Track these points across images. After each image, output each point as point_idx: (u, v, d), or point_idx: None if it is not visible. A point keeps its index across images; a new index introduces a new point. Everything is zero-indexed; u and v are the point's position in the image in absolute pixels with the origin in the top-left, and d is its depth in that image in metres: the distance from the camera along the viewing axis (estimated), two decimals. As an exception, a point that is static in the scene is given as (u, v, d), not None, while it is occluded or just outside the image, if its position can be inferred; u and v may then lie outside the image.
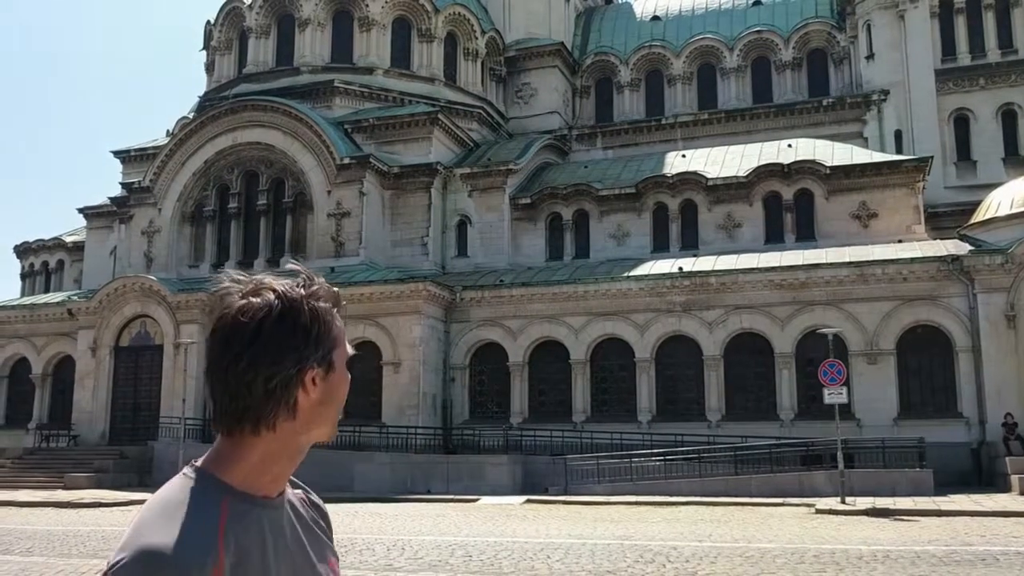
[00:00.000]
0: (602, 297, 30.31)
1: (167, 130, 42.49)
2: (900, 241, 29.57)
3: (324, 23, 40.00)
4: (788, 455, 25.01)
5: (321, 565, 1.62)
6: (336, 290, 1.63)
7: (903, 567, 11.14)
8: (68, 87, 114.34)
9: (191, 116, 39.80)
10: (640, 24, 45.52)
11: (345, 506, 20.95)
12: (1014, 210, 28.18)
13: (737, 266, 29.36)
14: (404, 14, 40.44)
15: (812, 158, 32.55)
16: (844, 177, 31.77)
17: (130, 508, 22.35)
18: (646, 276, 30.15)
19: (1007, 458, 23.58)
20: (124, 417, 32.60)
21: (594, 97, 44.80)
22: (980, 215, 29.86)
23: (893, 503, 19.88)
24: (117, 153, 42.55)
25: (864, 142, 37.01)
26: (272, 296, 1.53)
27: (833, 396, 22.08)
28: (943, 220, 33.59)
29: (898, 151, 35.80)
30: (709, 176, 33.26)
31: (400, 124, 36.79)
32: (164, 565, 1.35)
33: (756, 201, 32.64)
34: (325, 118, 36.04)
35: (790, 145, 34.25)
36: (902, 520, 17.44)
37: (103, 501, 23.31)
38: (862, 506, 19.36)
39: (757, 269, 28.94)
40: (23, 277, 46.22)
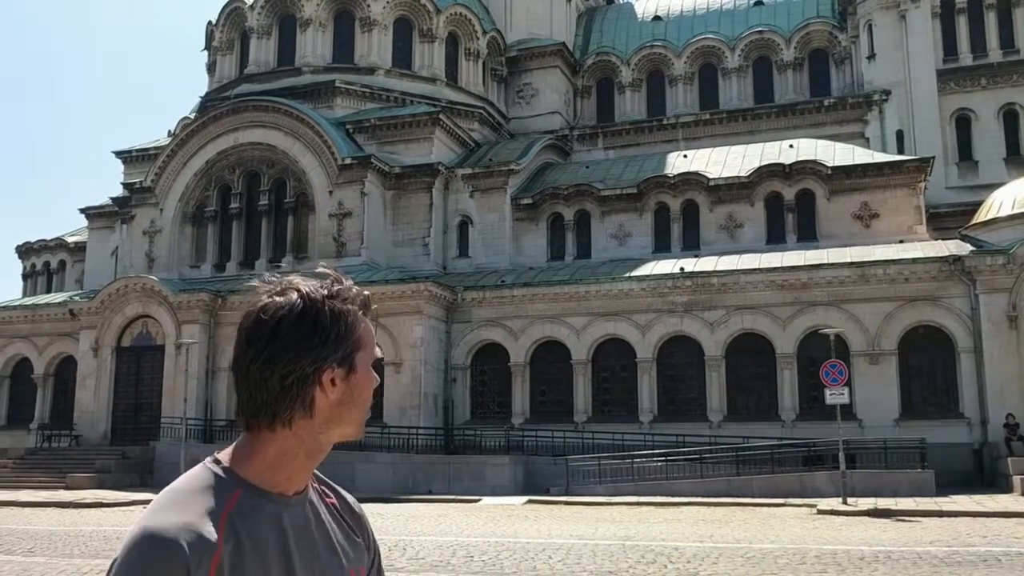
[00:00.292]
0: (603, 297, 30.31)
1: (169, 130, 42.56)
2: (902, 241, 29.55)
3: (325, 23, 40.01)
4: (790, 455, 25.01)
5: (348, 569, 1.62)
6: (366, 293, 1.65)
7: (905, 568, 11.13)
8: (70, 87, 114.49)
9: (193, 116, 39.86)
10: (641, 24, 45.53)
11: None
12: (1016, 210, 28.17)
13: (739, 266, 29.35)
14: (405, 14, 40.45)
15: (813, 158, 32.54)
16: (845, 177, 31.76)
17: (132, 508, 22.36)
18: (647, 276, 30.15)
19: (1009, 459, 23.56)
20: (126, 417, 32.62)
21: (595, 97, 44.80)
22: (982, 215, 29.85)
23: (895, 504, 19.86)
24: (119, 153, 42.61)
25: (865, 142, 37.01)
26: (295, 296, 1.57)
27: (835, 396, 22.07)
28: (945, 220, 33.58)
29: (899, 151, 35.79)
30: (710, 176, 33.25)
31: (401, 124, 36.80)
32: (162, 546, 1.40)
33: (758, 201, 32.64)
34: (326, 118, 36.06)
35: (791, 145, 34.24)
36: (904, 521, 17.43)
37: (105, 501, 23.30)
38: (864, 507, 19.34)
39: (759, 270, 28.93)
40: (25, 277, 46.27)
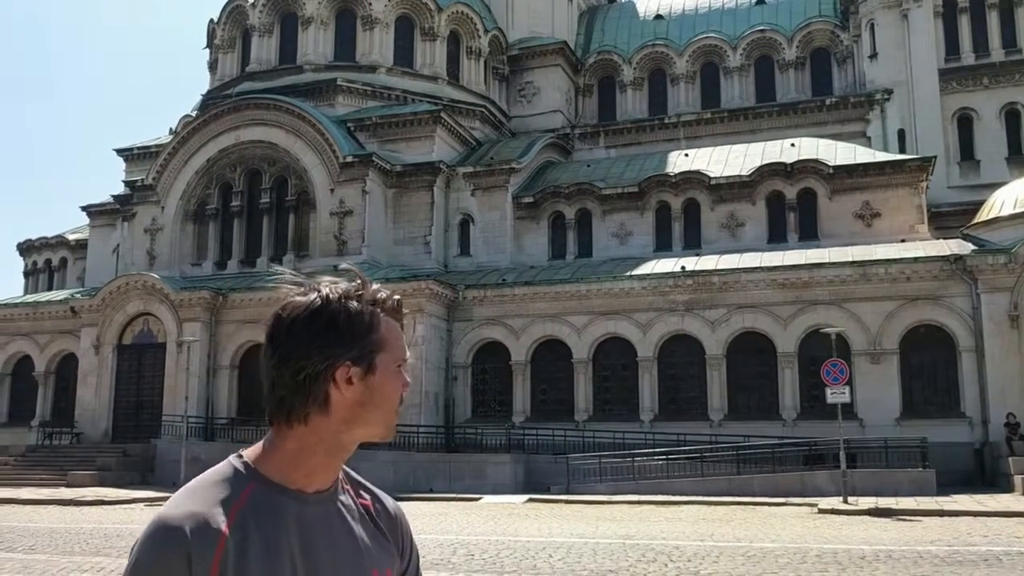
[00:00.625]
0: (604, 296, 30.30)
1: (170, 128, 42.56)
2: (903, 241, 29.53)
3: (327, 21, 40.01)
4: (790, 455, 25.00)
5: (371, 570, 1.61)
6: (396, 297, 1.66)
7: (905, 567, 11.13)
8: (72, 85, 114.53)
9: (194, 114, 39.84)
10: (643, 23, 45.49)
11: (347, 504, 20.91)
12: (1017, 210, 28.15)
13: (740, 265, 29.33)
14: (407, 12, 40.45)
15: (815, 157, 32.51)
16: (847, 176, 31.74)
17: (133, 506, 22.38)
18: (649, 275, 30.13)
19: (1010, 458, 23.54)
20: (127, 415, 32.65)
21: (597, 96, 44.79)
22: (983, 215, 29.83)
23: (896, 503, 19.85)
24: (120, 151, 42.60)
25: (867, 141, 36.99)
26: (314, 296, 1.60)
27: (836, 396, 22.06)
28: (946, 220, 33.57)
29: (901, 151, 35.76)
30: (712, 175, 33.23)
31: (403, 122, 36.79)
32: (168, 533, 1.46)
33: (759, 200, 32.62)
34: (328, 116, 36.05)
35: (793, 144, 34.21)
36: (905, 520, 17.42)
37: (106, 499, 23.30)
38: (865, 506, 19.33)
39: (760, 268, 28.91)
40: (26, 275, 46.32)
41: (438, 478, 26.65)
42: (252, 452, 1.61)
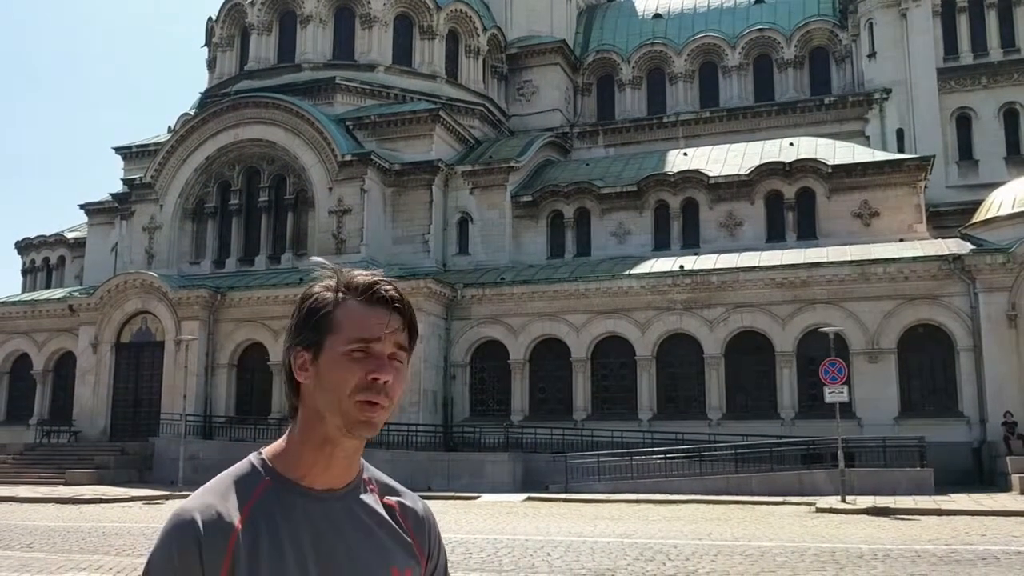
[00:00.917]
0: (603, 295, 30.30)
1: (169, 126, 42.52)
2: (902, 240, 29.54)
3: (326, 20, 39.97)
4: (789, 454, 25.01)
5: (391, 568, 1.62)
6: (369, 279, 1.61)
7: (903, 566, 11.14)
8: (70, 83, 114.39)
9: (193, 113, 39.80)
10: (642, 22, 45.49)
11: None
12: (1016, 209, 28.15)
13: (738, 264, 29.33)
14: (406, 11, 40.42)
15: (814, 157, 32.52)
16: (846, 176, 31.74)
17: (131, 504, 22.37)
18: (647, 274, 30.14)
19: (1008, 457, 23.57)
20: (125, 413, 32.63)
21: (595, 95, 44.78)
22: (982, 214, 29.84)
23: (894, 502, 19.87)
24: (119, 149, 42.56)
25: (866, 141, 36.99)
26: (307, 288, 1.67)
27: (834, 395, 22.06)
28: (945, 219, 33.59)
29: (900, 150, 35.77)
30: (710, 174, 33.23)
31: (401, 121, 36.76)
32: (181, 525, 1.51)
33: (757, 199, 32.62)
34: (326, 115, 36.02)
35: (792, 144, 34.21)
36: (903, 519, 17.44)
37: (104, 497, 23.28)
38: (863, 505, 19.35)
39: (758, 268, 28.91)
40: (24, 273, 46.27)
41: (436, 477, 26.65)
42: (271, 449, 1.64)
